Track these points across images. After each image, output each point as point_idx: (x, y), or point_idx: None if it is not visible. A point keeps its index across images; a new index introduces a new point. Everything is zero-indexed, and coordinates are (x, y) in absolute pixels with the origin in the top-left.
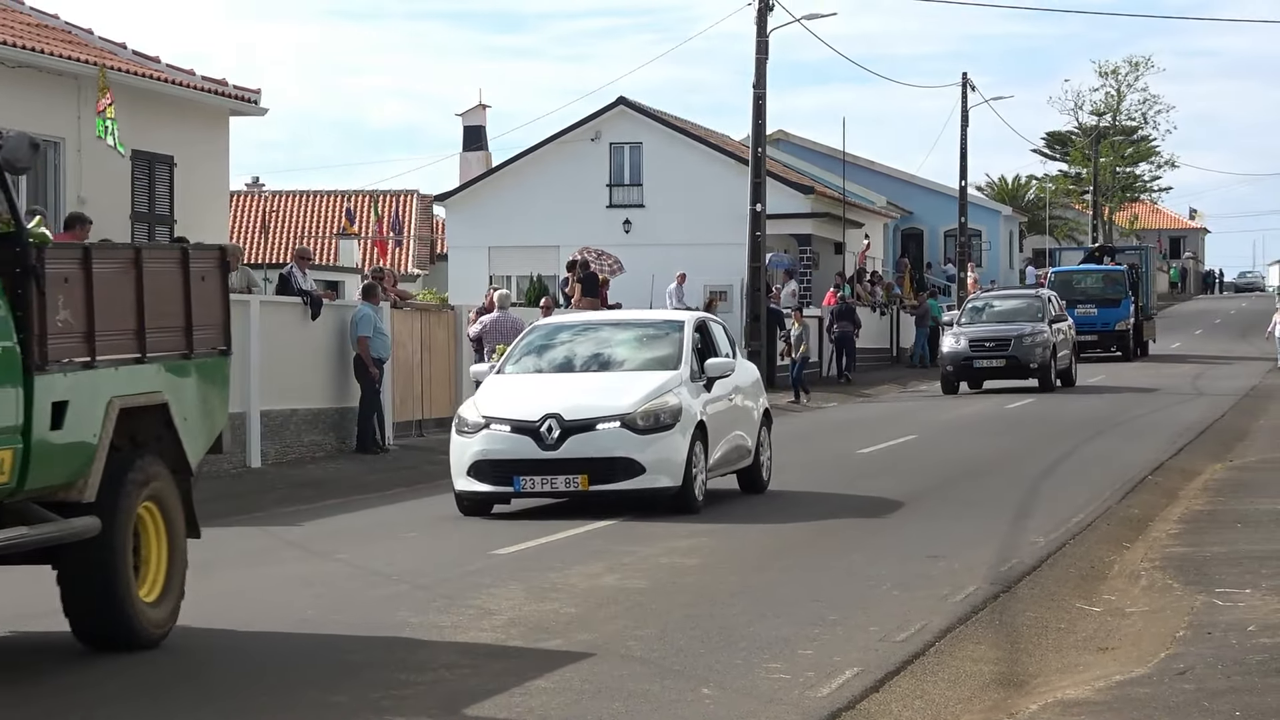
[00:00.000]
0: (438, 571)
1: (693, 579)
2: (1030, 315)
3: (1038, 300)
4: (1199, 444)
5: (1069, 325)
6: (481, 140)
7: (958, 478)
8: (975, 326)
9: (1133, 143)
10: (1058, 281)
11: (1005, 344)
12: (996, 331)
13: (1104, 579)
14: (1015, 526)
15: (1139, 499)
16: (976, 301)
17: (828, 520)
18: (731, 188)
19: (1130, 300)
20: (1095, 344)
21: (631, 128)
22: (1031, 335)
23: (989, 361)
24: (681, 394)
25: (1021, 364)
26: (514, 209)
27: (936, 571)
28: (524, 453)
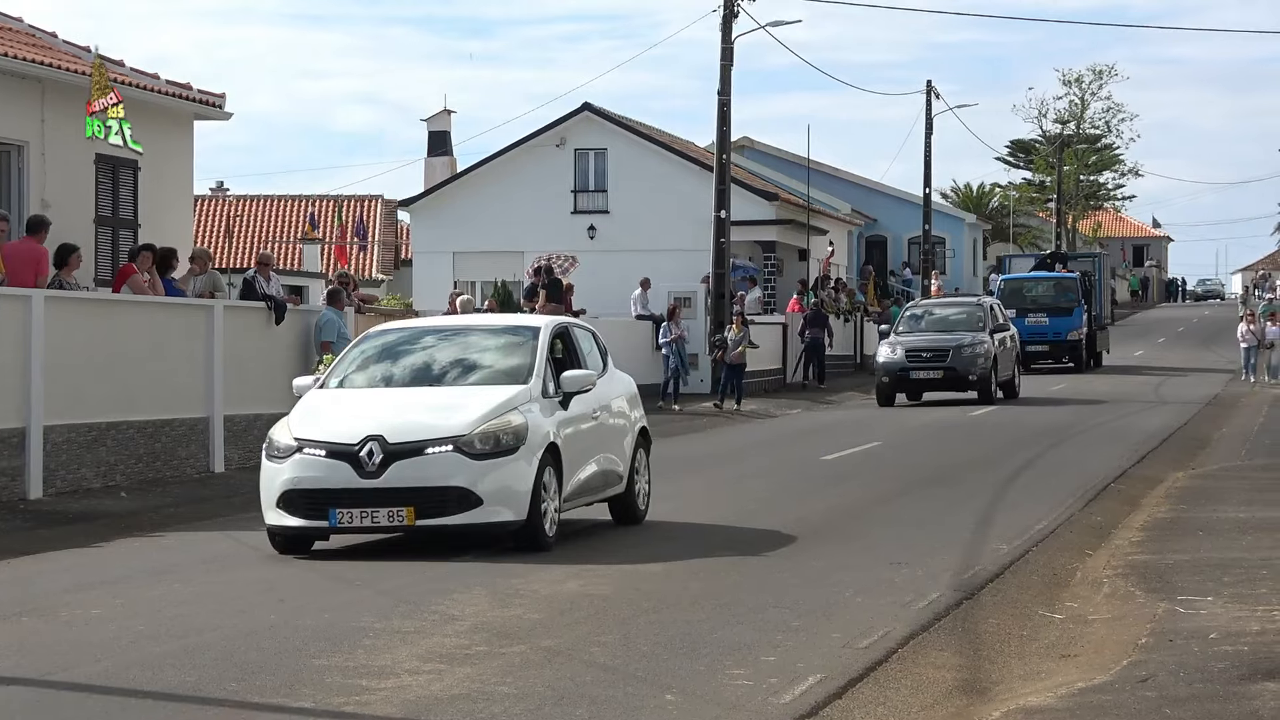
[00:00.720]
0: (400, 577)
1: (656, 585)
2: (971, 324)
3: (979, 309)
4: (1162, 452)
5: (1012, 335)
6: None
7: (921, 484)
8: (913, 336)
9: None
10: (1008, 289)
11: (944, 354)
12: (935, 341)
13: (1067, 586)
14: (978, 534)
15: (1102, 506)
16: (915, 309)
17: (790, 526)
18: (696, 194)
19: (1083, 309)
20: (1046, 354)
21: (596, 134)
22: (971, 345)
23: (926, 373)
24: (530, 411)
25: (960, 375)
26: (479, 214)
27: (900, 578)
28: (340, 481)
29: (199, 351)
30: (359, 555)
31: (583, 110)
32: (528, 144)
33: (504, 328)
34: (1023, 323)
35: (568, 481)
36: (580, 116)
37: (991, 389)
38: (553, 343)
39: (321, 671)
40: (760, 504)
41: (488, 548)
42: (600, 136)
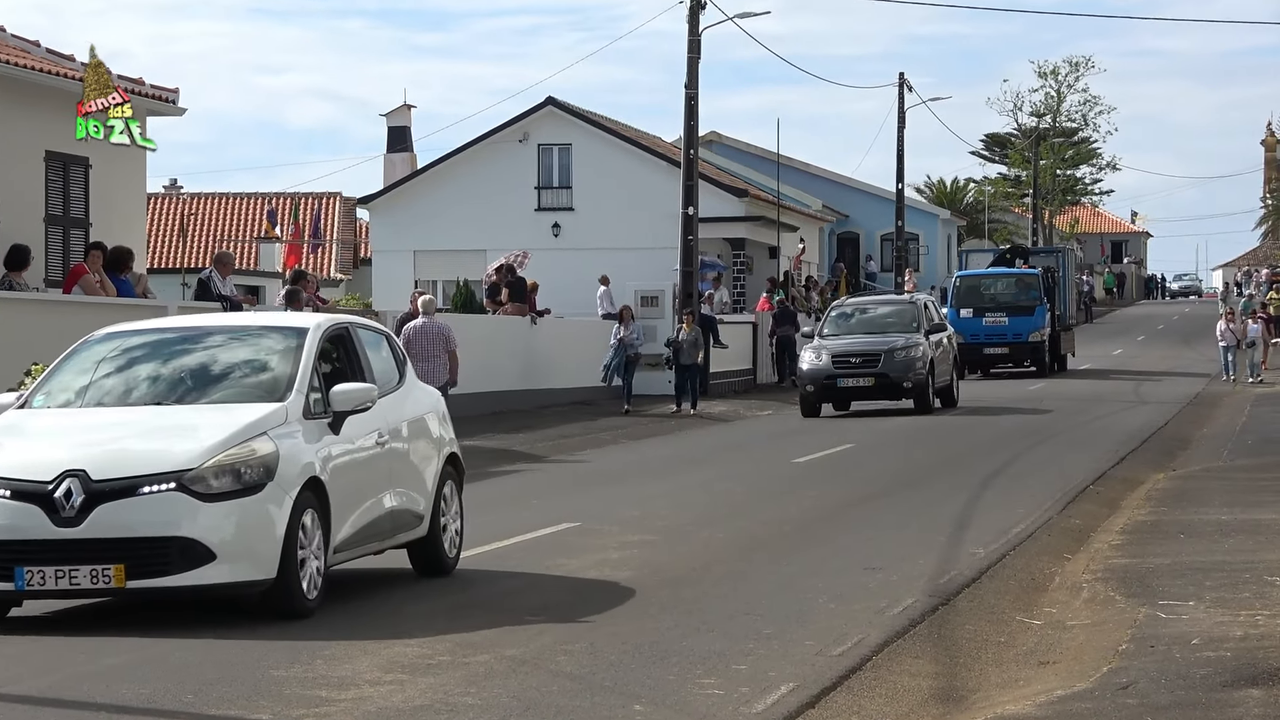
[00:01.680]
0: (361, 584)
1: (624, 591)
2: (904, 324)
3: (912, 307)
4: (1141, 453)
5: (949, 336)
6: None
7: (895, 487)
8: (840, 339)
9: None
10: (963, 287)
11: (874, 359)
12: (864, 344)
13: (1045, 591)
14: (954, 538)
15: (1080, 509)
16: (842, 308)
17: (762, 531)
18: (663, 190)
19: (1045, 308)
20: (1006, 357)
21: (560, 129)
22: (905, 349)
23: (855, 380)
24: (286, 437)
25: (894, 383)
26: (440, 212)
27: (874, 584)
28: (29, 530)
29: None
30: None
31: (546, 105)
32: (490, 139)
33: (260, 328)
34: (980, 323)
35: (339, 526)
36: (544, 111)
37: (928, 397)
38: (325, 349)
39: (280, 683)
40: (730, 508)
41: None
42: (564, 132)
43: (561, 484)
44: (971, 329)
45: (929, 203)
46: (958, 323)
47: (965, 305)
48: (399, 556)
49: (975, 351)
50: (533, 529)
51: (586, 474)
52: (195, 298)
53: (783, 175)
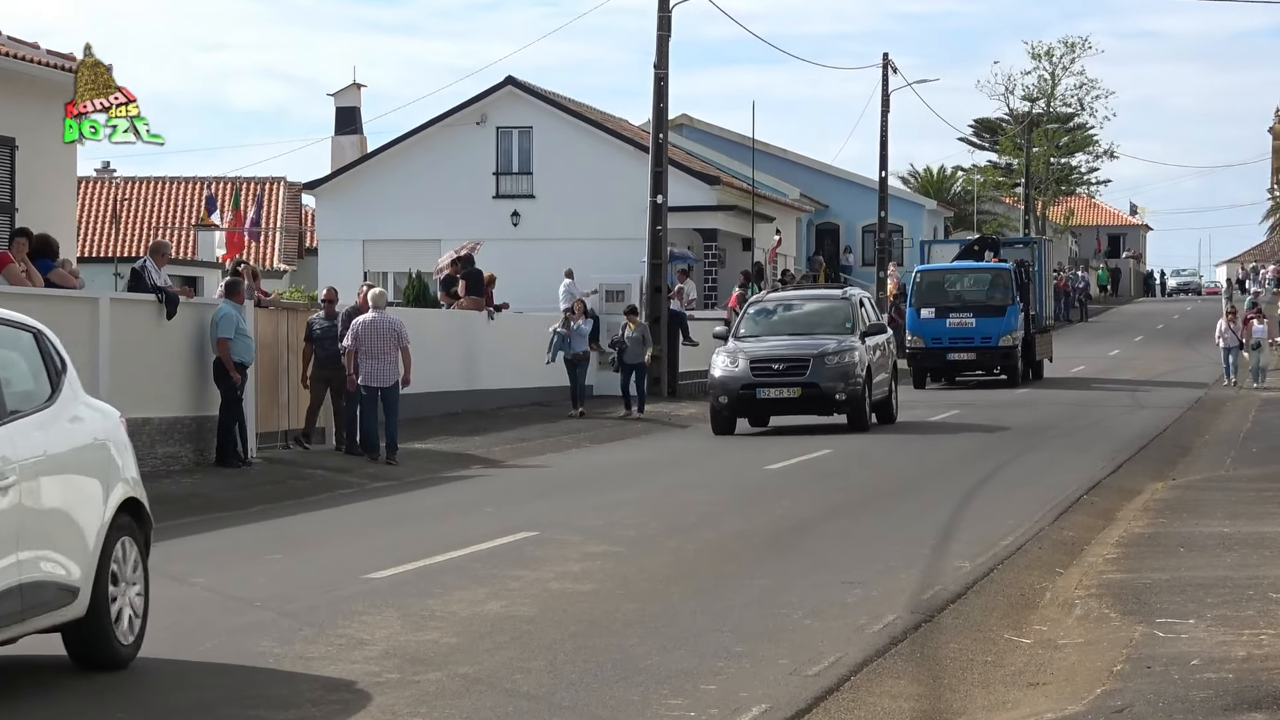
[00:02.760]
0: (305, 597)
1: (586, 605)
2: (835, 324)
3: (845, 304)
4: (1139, 460)
5: (889, 339)
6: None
7: (876, 496)
8: (760, 341)
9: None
10: (925, 283)
11: (801, 366)
12: (789, 348)
13: (1035, 608)
14: (938, 550)
15: (1073, 520)
16: (763, 304)
17: (732, 542)
18: (630, 177)
19: (1018, 308)
20: (973, 363)
21: (521, 110)
22: (839, 354)
23: (778, 390)
24: None
25: (824, 394)
26: (391, 199)
27: (852, 599)
28: None
29: (82, 349)
30: (261, 572)
31: (506, 85)
32: (445, 121)
33: None
34: (944, 325)
35: None
36: (503, 91)
37: (865, 411)
38: None
39: (214, 703)
40: (699, 518)
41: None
42: (525, 113)
43: (519, 490)
44: (934, 331)
45: (914, 192)
46: (918, 324)
47: (926, 304)
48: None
49: (937, 357)
50: (488, 538)
51: (546, 480)
52: (129, 288)
53: (758, 162)
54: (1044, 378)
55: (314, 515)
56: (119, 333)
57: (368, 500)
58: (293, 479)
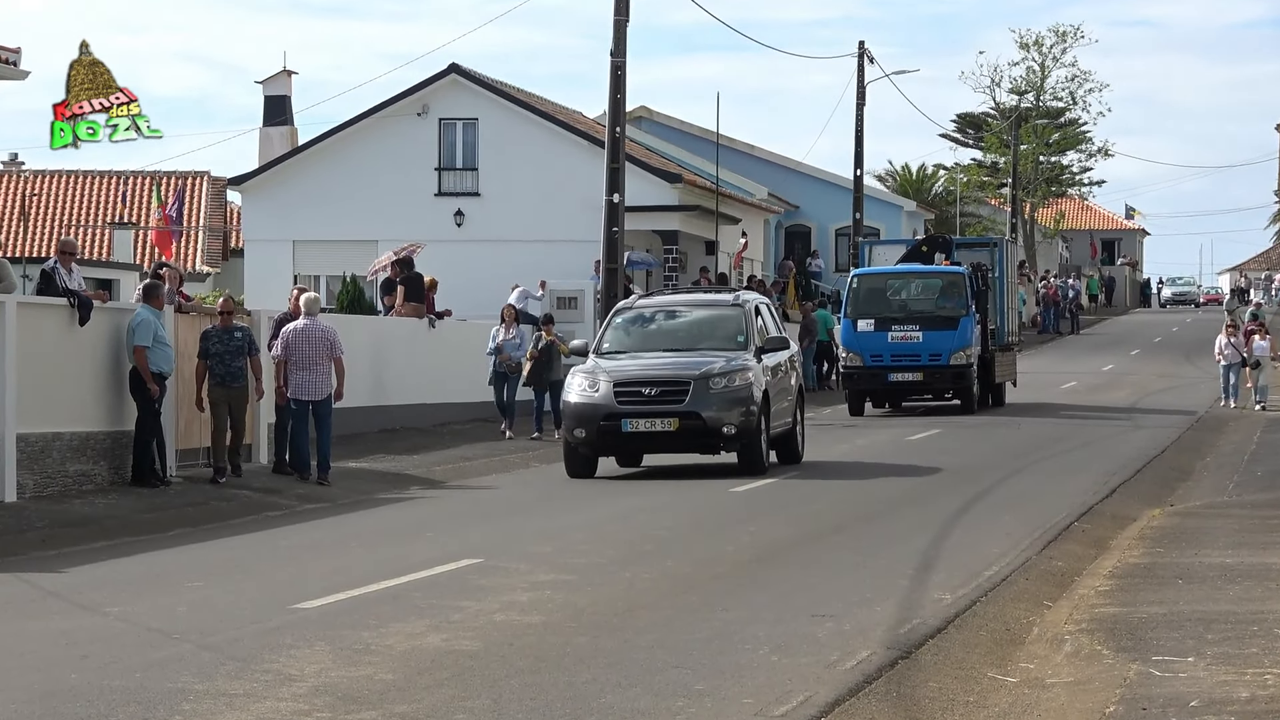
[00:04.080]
0: (228, 629)
1: (534, 639)
2: (725, 337)
3: (738, 312)
4: (1135, 484)
5: (792, 357)
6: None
7: (849, 522)
8: (629, 358)
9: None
10: (863, 290)
11: (679, 390)
12: (665, 367)
13: (1021, 644)
14: (917, 581)
15: (1063, 549)
16: (636, 310)
17: (695, 571)
18: (584, 174)
19: (974, 319)
20: (919, 386)
21: (465, 101)
22: (726, 375)
23: (649, 422)
24: None
25: (708, 427)
26: (324, 196)
27: (823, 633)
28: None
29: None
30: (181, 601)
31: (449, 73)
32: (383, 112)
33: None
34: (884, 339)
35: None
36: (446, 80)
37: (760, 449)
38: None
39: None
40: (657, 544)
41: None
42: (470, 104)
43: (462, 514)
44: (873, 347)
45: (892, 193)
46: (854, 339)
47: (865, 314)
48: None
49: (877, 378)
50: (428, 566)
51: (491, 502)
52: (38, 291)
53: (723, 159)
54: (1005, 404)
55: (239, 540)
56: (27, 340)
57: (297, 524)
58: (216, 500)
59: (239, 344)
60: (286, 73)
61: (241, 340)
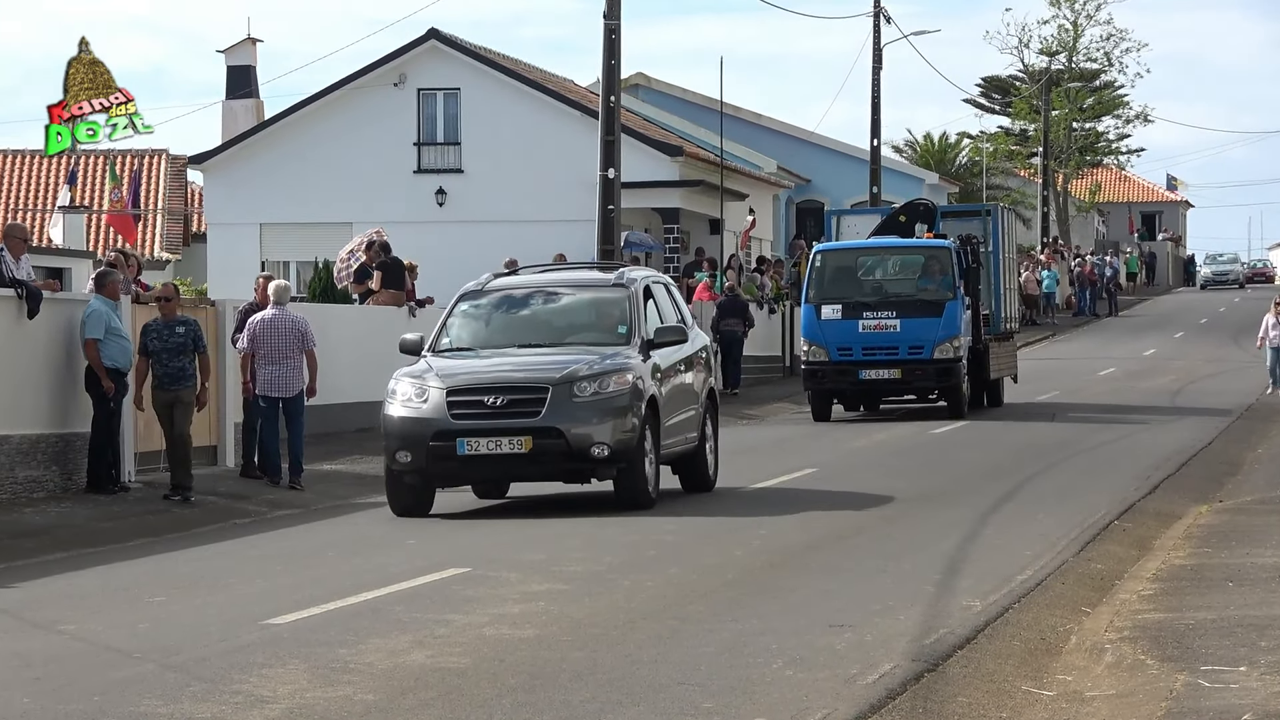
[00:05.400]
0: (194, 647)
1: (526, 655)
2: (603, 328)
3: (621, 293)
4: (1180, 479)
5: (701, 351)
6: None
7: (870, 523)
8: (472, 359)
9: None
10: (828, 268)
11: (532, 401)
12: (514, 370)
13: (1058, 654)
14: (944, 587)
15: (1103, 550)
16: (487, 295)
17: (702, 578)
18: (576, 148)
19: (962, 304)
20: (897, 385)
21: (446, 69)
22: (595, 379)
23: (492, 442)
24: None
25: (570, 448)
26: (293, 175)
27: (842, 645)
28: None
29: None
30: (142, 617)
31: (428, 38)
32: (357, 83)
33: None
34: (854, 329)
35: None
36: (425, 47)
37: (642, 477)
38: None
39: None
40: (662, 549)
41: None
42: (451, 73)
43: (446, 519)
44: (840, 338)
45: (912, 164)
46: (817, 328)
47: (830, 299)
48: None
49: (846, 375)
50: (410, 576)
51: (478, 506)
52: None
53: (728, 129)
54: (1003, 404)
55: (204, 550)
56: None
57: (268, 532)
58: (178, 507)
59: (181, 340)
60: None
61: (185, 336)
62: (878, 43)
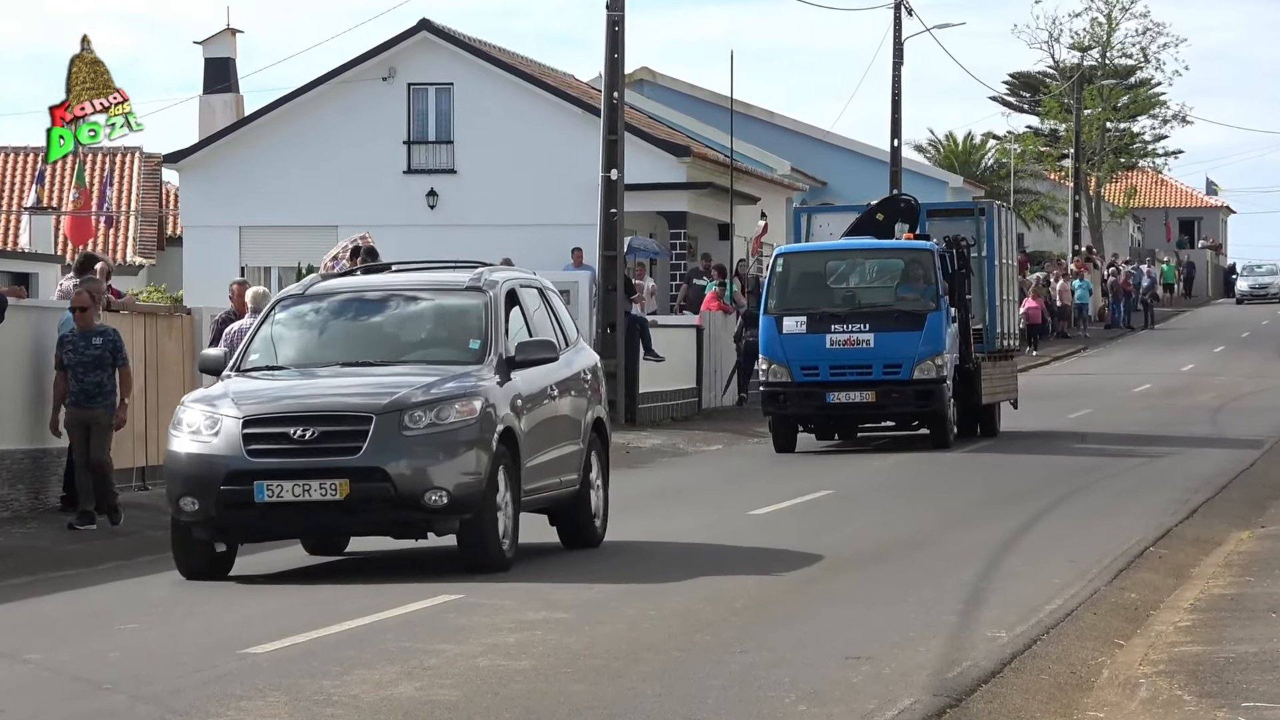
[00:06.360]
0: (168, 677)
1: (522, 687)
2: (450, 344)
3: (477, 298)
4: (1220, 503)
5: (587, 373)
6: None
7: (889, 549)
8: (283, 380)
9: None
10: (791, 274)
11: (350, 434)
12: (329, 394)
13: (1089, 689)
14: (967, 617)
15: (1137, 579)
16: (318, 299)
17: (707, 608)
18: (577, 147)
19: (947, 315)
20: (870, 410)
21: (439, 63)
22: (430, 407)
23: (300, 488)
24: None
25: (399, 495)
26: (275, 175)
27: (859, 678)
28: None
29: None
30: (113, 646)
31: (419, 30)
32: (343, 77)
33: None
34: (821, 344)
35: None
36: (416, 39)
37: (493, 531)
38: None
39: None
40: (665, 576)
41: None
42: (444, 67)
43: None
44: (805, 355)
45: (935, 166)
46: (777, 343)
47: (794, 309)
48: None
49: (810, 398)
50: (399, 603)
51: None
52: None
53: (739, 128)
54: (998, 433)
55: (178, 574)
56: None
57: (247, 555)
58: (151, 529)
59: (98, 353)
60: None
61: (102, 348)
62: (898, 36)
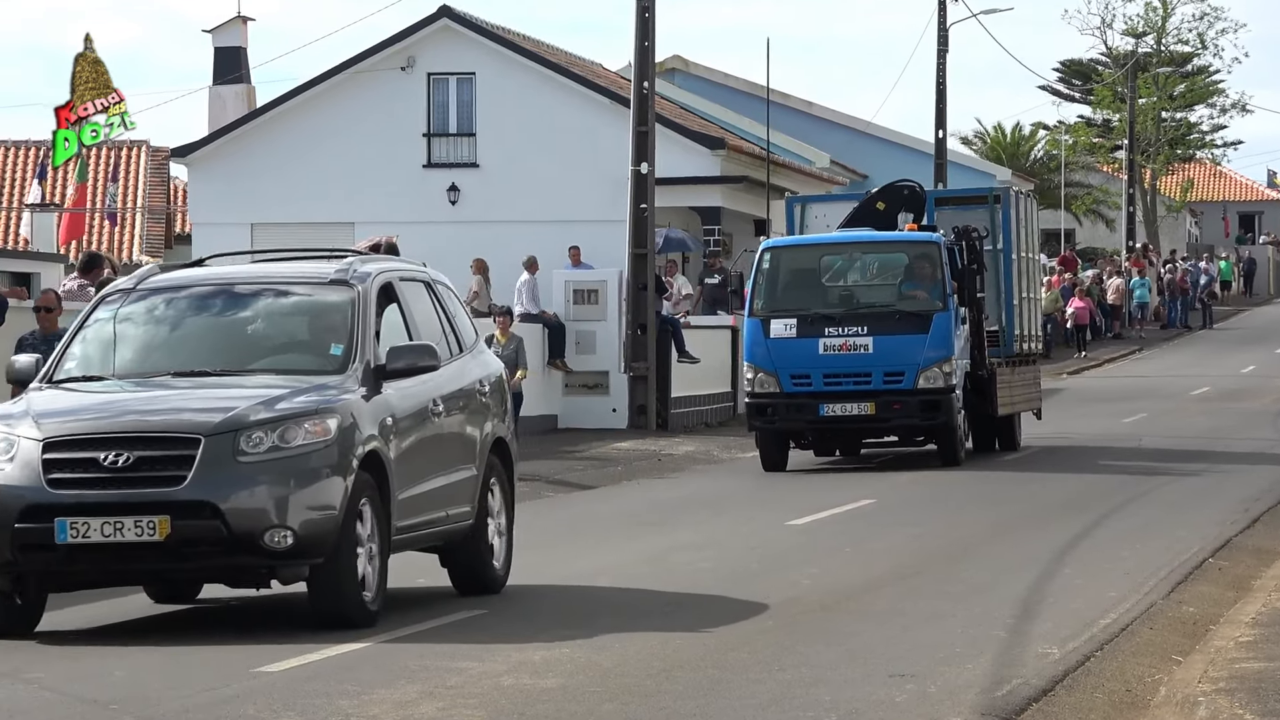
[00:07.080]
0: (176, 697)
1: (549, 708)
2: (308, 349)
3: (341, 295)
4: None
5: (483, 383)
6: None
7: (933, 562)
8: (100, 393)
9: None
10: (780, 271)
11: (172, 460)
12: (152, 410)
13: (1145, 708)
14: (1016, 632)
15: (1195, 592)
16: (157, 294)
17: (745, 621)
18: (605, 139)
19: (956, 316)
20: (869, 423)
21: (460, 52)
22: (273, 427)
23: (109, 525)
24: None
25: (233, 536)
26: (288, 170)
27: (903, 697)
28: None
29: None
30: (119, 664)
31: (440, 17)
32: (359, 67)
33: None
34: (814, 349)
35: None
36: (436, 26)
37: (351, 580)
38: None
39: None
40: (698, 590)
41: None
42: (465, 56)
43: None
44: (795, 362)
45: (981, 158)
46: (764, 349)
47: (782, 311)
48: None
49: (801, 411)
50: (426, 618)
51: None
52: None
53: (775, 119)
54: (1019, 447)
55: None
56: None
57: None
58: None
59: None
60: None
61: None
62: (943, 22)
